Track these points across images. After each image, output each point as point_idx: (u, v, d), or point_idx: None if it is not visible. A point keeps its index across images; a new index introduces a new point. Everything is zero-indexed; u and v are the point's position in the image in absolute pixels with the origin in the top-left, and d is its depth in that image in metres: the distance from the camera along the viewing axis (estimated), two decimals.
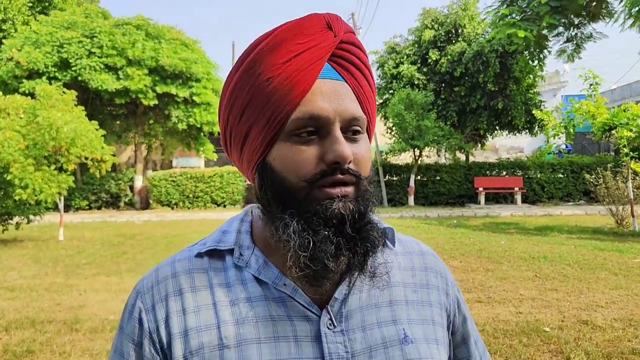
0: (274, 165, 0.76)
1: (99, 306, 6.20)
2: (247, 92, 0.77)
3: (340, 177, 0.73)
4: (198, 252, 0.84)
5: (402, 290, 0.87)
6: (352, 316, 0.80)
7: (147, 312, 0.80)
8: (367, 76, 0.80)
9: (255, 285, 0.80)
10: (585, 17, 17.48)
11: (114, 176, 21.29)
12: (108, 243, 11.67)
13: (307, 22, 0.76)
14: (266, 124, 0.75)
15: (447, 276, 0.94)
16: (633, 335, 4.67)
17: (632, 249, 9.29)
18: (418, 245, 0.96)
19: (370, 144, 0.81)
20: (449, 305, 0.92)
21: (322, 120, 0.73)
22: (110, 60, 19.15)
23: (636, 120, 11.62)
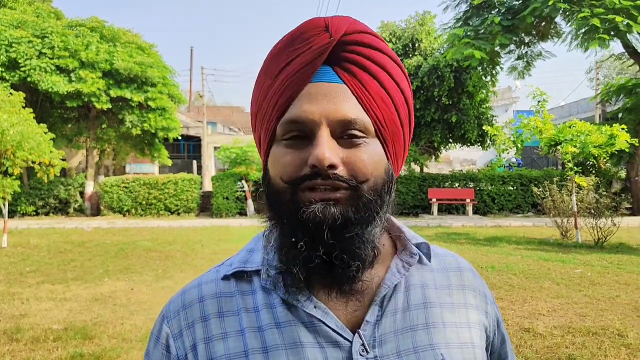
0: (269, 169, 0.76)
1: (42, 315, 6.01)
2: (256, 100, 0.78)
3: (321, 181, 0.69)
4: (225, 275, 0.82)
5: (439, 311, 0.81)
6: (387, 341, 0.75)
7: (174, 338, 0.78)
8: (379, 77, 0.74)
9: (283, 309, 0.76)
10: (535, 37, 18.19)
11: (63, 181, 20.65)
12: (55, 250, 11.31)
13: (306, 25, 0.74)
14: (266, 131, 0.77)
15: (486, 293, 0.89)
16: (571, 342, 4.86)
17: (575, 259, 9.66)
18: (456, 260, 0.90)
19: (381, 148, 0.76)
20: (489, 324, 0.87)
21: (307, 124, 0.71)
22: (62, 61, 18.64)
23: (580, 136, 12.13)
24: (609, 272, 8.30)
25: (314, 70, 0.71)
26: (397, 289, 0.79)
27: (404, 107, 0.78)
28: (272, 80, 0.74)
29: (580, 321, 5.59)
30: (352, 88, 0.72)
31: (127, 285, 7.70)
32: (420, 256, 0.83)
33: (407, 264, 0.81)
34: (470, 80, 20.38)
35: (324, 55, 0.71)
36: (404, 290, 0.80)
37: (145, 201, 20.59)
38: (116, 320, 5.80)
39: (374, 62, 0.74)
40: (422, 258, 0.83)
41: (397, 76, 0.77)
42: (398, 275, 0.79)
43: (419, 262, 0.83)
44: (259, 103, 0.77)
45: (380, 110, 0.74)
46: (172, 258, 10.24)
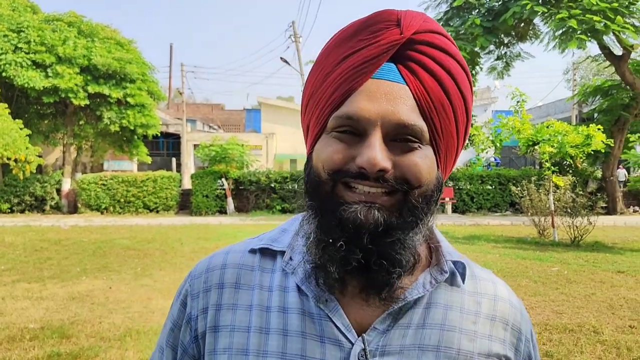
0: (314, 157, 0.74)
1: (19, 314, 5.90)
2: (311, 85, 0.75)
3: (367, 183, 0.68)
4: (252, 248, 0.82)
5: (457, 337, 0.75)
6: (390, 353, 0.72)
7: (192, 297, 0.80)
8: (444, 82, 0.70)
9: (295, 295, 0.76)
10: (514, 37, 18.41)
11: (39, 178, 20.30)
12: (31, 248, 11.12)
13: (376, 17, 0.71)
14: (317, 119, 0.74)
15: (521, 329, 0.81)
16: (547, 339, 4.94)
17: (551, 257, 9.81)
18: (494, 286, 0.83)
19: (433, 156, 0.72)
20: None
21: (361, 122, 0.68)
22: (38, 56, 18.34)
23: (557, 136, 12.32)
24: (585, 271, 8.45)
25: (378, 66, 0.69)
26: (418, 304, 0.75)
27: (464, 117, 0.75)
28: (332, 69, 0.71)
29: (557, 318, 5.68)
30: (414, 90, 0.69)
31: (105, 283, 7.60)
32: (454, 275, 0.78)
33: (434, 280, 0.76)
34: None
35: (391, 51, 0.69)
36: (425, 306, 0.76)
37: (124, 199, 20.38)
38: (94, 319, 5.73)
39: (441, 65, 0.70)
40: (456, 278, 0.78)
41: (462, 84, 0.73)
42: (422, 290, 0.75)
43: (452, 282, 0.79)
44: (313, 90, 0.74)
45: (439, 118, 0.71)
46: (151, 256, 10.14)
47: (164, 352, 0.82)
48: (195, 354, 0.78)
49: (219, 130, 37.99)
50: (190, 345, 0.79)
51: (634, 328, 5.29)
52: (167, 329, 0.83)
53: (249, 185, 20.75)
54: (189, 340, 0.79)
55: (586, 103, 22.49)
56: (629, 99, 18.37)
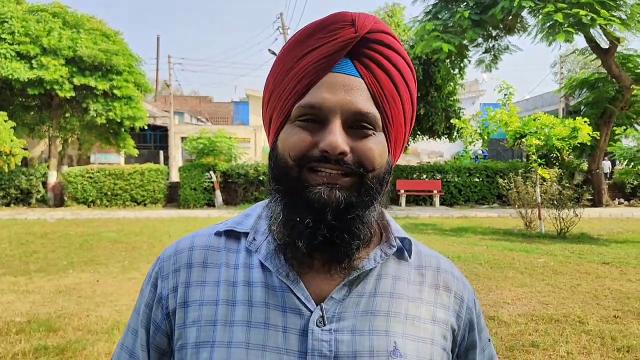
0: (278, 145, 0.81)
1: (4, 308, 5.85)
2: (274, 79, 0.83)
3: (329, 165, 0.76)
4: (217, 231, 0.89)
5: (405, 304, 0.85)
6: (345, 318, 0.80)
7: (162, 278, 0.87)
8: (393, 76, 0.80)
9: (259, 271, 0.83)
10: (502, 30, 18.46)
11: (24, 171, 20.07)
12: (16, 242, 11.02)
13: (333, 18, 0.79)
14: (280, 109, 0.81)
15: (463, 298, 0.90)
16: (534, 329, 4.99)
17: (538, 249, 9.90)
18: (438, 261, 0.93)
19: (385, 142, 0.81)
20: (457, 328, 0.89)
21: (323, 110, 0.76)
22: (22, 47, 18.09)
23: (544, 129, 12.40)
24: (571, 262, 8.55)
25: (336, 61, 0.77)
26: (370, 275, 0.84)
27: (410, 107, 0.85)
28: (293, 64, 0.79)
29: (543, 309, 5.74)
30: (368, 83, 0.78)
31: (93, 277, 7.56)
32: (402, 250, 0.88)
33: (384, 254, 0.85)
34: (439, 73, 20.58)
35: (347, 48, 0.77)
36: (376, 277, 0.84)
37: (111, 192, 20.23)
38: (81, 312, 5.69)
39: (391, 62, 0.80)
40: (404, 253, 0.88)
41: (408, 78, 0.83)
42: (373, 262, 0.84)
43: (400, 257, 0.88)
44: (276, 83, 0.82)
45: (389, 108, 0.80)
46: (138, 249, 10.09)
47: (138, 334, 0.87)
48: (167, 330, 0.84)
49: (207, 123, 37.79)
50: (163, 322, 0.85)
51: (618, 318, 5.37)
52: (139, 312, 0.88)
53: (237, 178, 20.68)
54: (161, 317, 0.85)
55: (573, 96, 22.66)
56: (615, 92, 18.53)
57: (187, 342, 0.81)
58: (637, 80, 17.67)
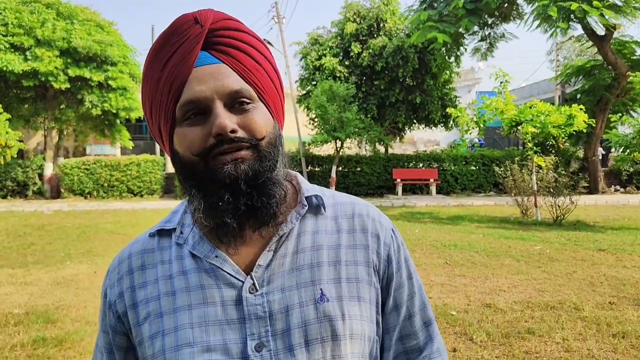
0: (177, 148, 0.87)
1: (2, 300, 5.87)
2: (148, 94, 0.89)
3: (227, 146, 0.83)
4: (150, 233, 0.97)
5: (326, 253, 0.92)
6: (274, 280, 0.88)
7: (110, 287, 0.96)
8: (249, 52, 0.88)
9: (190, 259, 0.91)
10: (498, 18, 18.42)
11: (20, 163, 20.00)
12: (14, 234, 11.02)
13: (178, 21, 0.86)
14: (164, 117, 0.88)
15: (380, 236, 0.97)
16: (530, 317, 5.03)
17: (534, 237, 9.95)
18: (352, 207, 0.99)
19: (266, 110, 0.89)
20: (378, 263, 0.95)
21: (202, 101, 0.83)
22: (16, 39, 17.93)
23: (540, 116, 12.40)
24: (567, 249, 8.59)
25: (194, 56, 0.84)
26: (290, 236, 0.92)
27: (274, 74, 0.92)
28: (161, 72, 0.85)
29: (539, 296, 5.78)
30: (231, 65, 0.85)
31: (90, 268, 7.57)
32: (319, 206, 0.96)
33: (298, 214, 0.93)
34: (435, 62, 20.52)
35: (200, 42, 0.84)
36: (296, 236, 0.92)
37: (107, 183, 20.18)
38: (79, 303, 5.71)
39: (242, 41, 0.87)
40: (320, 208, 0.96)
41: (262, 50, 0.90)
42: (290, 225, 0.91)
43: (317, 213, 0.96)
44: (152, 95, 0.88)
45: (258, 79, 0.88)
46: None
47: (101, 337, 0.98)
48: (124, 330, 0.93)
49: None
50: (117, 324, 0.94)
51: (613, 304, 5.41)
52: (100, 318, 0.98)
53: None
54: (115, 321, 0.94)
55: (569, 83, 22.64)
56: (611, 79, 18.52)
57: (143, 337, 0.90)
58: (633, 67, 17.67)
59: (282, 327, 0.86)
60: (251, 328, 0.85)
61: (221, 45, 0.86)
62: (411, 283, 0.99)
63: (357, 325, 0.89)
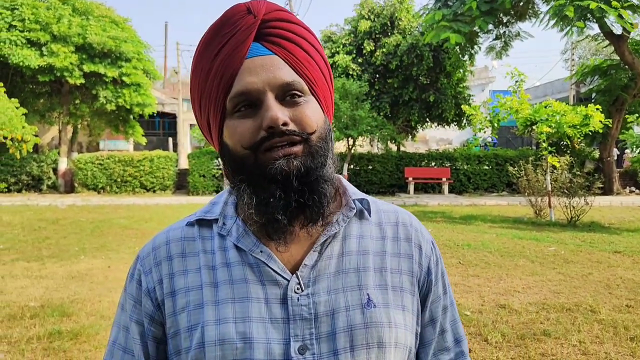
0: (227, 141, 0.86)
1: (18, 293, 5.92)
2: (198, 85, 0.88)
3: (278, 139, 0.81)
4: (188, 222, 0.94)
5: (372, 258, 0.91)
6: (320, 281, 0.87)
7: (145, 274, 0.91)
8: (301, 44, 0.87)
9: (234, 252, 0.89)
10: (514, 17, 18.25)
11: (35, 157, 20.20)
12: (29, 227, 11.12)
13: (230, 12, 0.85)
14: (214, 109, 0.87)
15: (422, 247, 0.96)
16: (545, 318, 4.99)
17: (548, 237, 9.86)
18: (396, 215, 0.99)
19: (317, 104, 0.88)
20: (420, 276, 0.95)
21: (253, 93, 0.82)
22: (33, 35, 18.10)
23: (555, 116, 12.29)
24: (582, 251, 8.51)
25: (246, 47, 0.83)
26: (336, 238, 0.90)
27: (325, 68, 0.91)
28: (211, 63, 0.85)
29: (554, 298, 5.72)
30: (283, 57, 0.84)
31: (104, 263, 7.62)
32: (362, 211, 0.94)
33: (345, 217, 0.92)
34: (449, 60, 20.40)
35: (252, 33, 0.83)
36: (342, 239, 0.91)
37: (121, 178, 20.32)
38: (94, 297, 5.75)
39: (294, 33, 0.86)
40: (364, 213, 0.95)
41: (313, 42, 0.89)
42: (337, 226, 0.90)
43: (362, 217, 0.94)
44: (202, 87, 0.87)
45: (310, 72, 0.87)
46: (149, 236, 10.14)
47: (130, 329, 0.91)
48: (161, 320, 0.89)
49: None
50: (155, 313, 0.89)
51: (630, 307, 5.35)
52: (127, 310, 0.92)
53: None
54: (153, 309, 0.89)
55: (584, 83, 22.40)
56: (628, 79, 18.29)
57: (180, 328, 0.86)
58: None
59: (327, 330, 0.84)
60: (295, 329, 0.83)
61: (273, 37, 0.85)
62: (446, 297, 0.99)
63: (402, 334, 0.88)
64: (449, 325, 0.99)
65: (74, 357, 4.08)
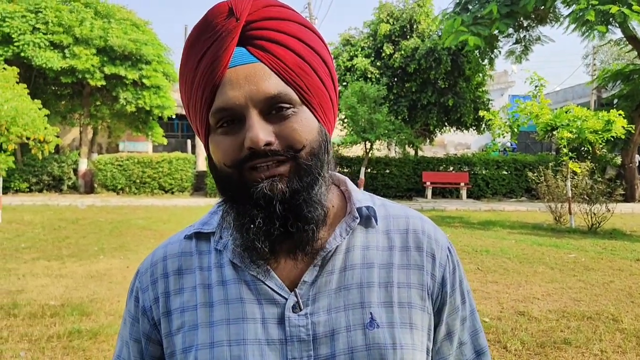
0: (212, 156, 0.80)
1: (39, 291, 6.00)
2: (185, 95, 0.81)
3: (260, 160, 0.74)
4: (186, 235, 0.89)
5: (377, 272, 0.84)
6: (319, 299, 0.81)
7: (142, 291, 0.88)
8: (293, 47, 0.76)
9: (230, 269, 0.83)
10: (534, 20, 18.09)
11: (57, 158, 20.51)
12: (49, 227, 11.27)
13: (210, 13, 0.76)
14: (200, 122, 0.80)
15: (435, 256, 0.87)
16: (565, 326, 4.91)
17: (568, 244, 9.73)
18: (407, 221, 0.90)
19: (310, 113, 0.79)
20: (433, 288, 0.86)
21: (234, 110, 0.74)
22: (56, 37, 18.39)
23: (576, 122, 12.13)
24: (603, 258, 8.37)
25: (228, 56, 0.74)
26: (338, 251, 0.83)
27: (324, 69, 0.80)
28: (193, 75, 0.77)
29: (574, 306, 5.64)
30: (269, 64, 0.75)
31: (123, 263, 7.69)
32: (369, 218, 0.87)
33: (349, 228, 0.84)
34: (468, 64, 20.28)
35: (235, 39, 0.74)
36: (345, 251, 0.84)
37: (139, 180, 20.52)
38: (112, 297, 5.80)
39: (285, 33, 0.76)
40: (371, 220, 0.87)
41: (311, 41, 0.79)
42: (339, 239, 0.83)
43: (368, 225, 0.87)
44: (187, 96, 0.80)
45: (300, 79, 0.77)
46: (167, 237, 10.16)
47: (130, 346, 0.89)
48: (158, 339, 0.86)
49: None
50: (152, 332, 0.86)
51: None
52: (127, 325, 0.90)
53: None
54: (150, 328, 0.86)
55: (606, 88, 22.11)
56: None
57: (175, 349, 0.83)
58: None
59: (326, 352, 0.78)
60: (292, 351, 0.78)
61: (260, 40, 0.75)
62: (464, 308, 0.91)
63: (409, 355, 0.81)
64: (468, 336, 0.91)
65: (92, 357, 4.13)
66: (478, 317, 0.94)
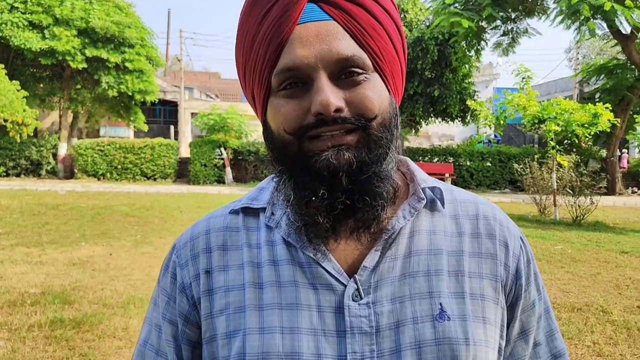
0: (269, 122, 0.73)
1: (18, 278, 5.81)
2: (242, 53, 0.74)
3: (327, 128, 0.67)
4: (232, 209, 0.81)
5: (446, 259, 0.75)
6: (382, 287, 0.72)
7: (181, 267, 0.79)
8: (369, 7, 0.69)
9: (283, 247, 0.75)
10: (522, 12, 18.09)
11: (35, 142, 20.07)
12: (28, 212, 11.00)
13: None
14: (259, 83, 0.72)
15: (509, 244, 0.79)
16: (556, 317, 4.86)
17: (554, 236, 9.77)
18: (476, 207, 0.82)
19: (382, 82, 0.72)
20: (507, 280, 0.78)
21: (302, 70, 0.67)
22: (35, 17, 17.92)
23: (564, 114, 12.17)
24: (589, 250, 8.42)
25: (299, 10, 0.67)
26: (401, 234, 0.75)
27: (398, 37, 0.74)
28: (257, 28, 0.70)
29: (564, 297, 5.63)
30: (343, 23, 0.68)
31: (106, 250, 7.51)
32: (434, 201, 0.79)
33: (413, 209, 0.76)
34: (455, 54, 20.26)
35: None
36: (409, 235, 0.76)
37: (121, 165, 20.20)
38: (96, 285, 5.64)
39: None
40: (436, 203, 0.79)
41: (386, 4, 0.72)
42: (403, 221, 0.75)
43: (433, 208, 0.79)
44: (247, 54, 0.73)
45: (375, 43, 0.70)
46: (150, 224, 10.04)
47: (162, 328, 0.79)
48: (197, 321, 0.77)
49: (217, 100, 37.58)
50: (191, 313, 0.77)
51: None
52: (159, 306, 0.81)
53: (248, 155, 20.58)
54: (188, 308, 0.78)
55: (588, 82, 22.28)
56: (634, 79, 18.18)
57: (217, 333, 0.74)
58: None
59: (391, 346, 0.70)
60: (353, 344, 0.69)
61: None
62: (540, 304, 0.82)
63: (482, 353, 0.72)
64: (544, 337, 0.82)
65: (76, 346, 3.97)
66: (554, 316, 0.85)
